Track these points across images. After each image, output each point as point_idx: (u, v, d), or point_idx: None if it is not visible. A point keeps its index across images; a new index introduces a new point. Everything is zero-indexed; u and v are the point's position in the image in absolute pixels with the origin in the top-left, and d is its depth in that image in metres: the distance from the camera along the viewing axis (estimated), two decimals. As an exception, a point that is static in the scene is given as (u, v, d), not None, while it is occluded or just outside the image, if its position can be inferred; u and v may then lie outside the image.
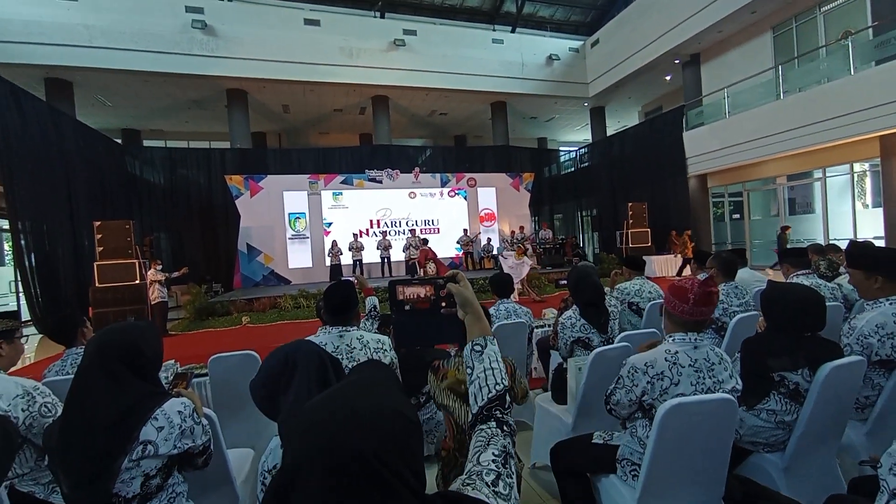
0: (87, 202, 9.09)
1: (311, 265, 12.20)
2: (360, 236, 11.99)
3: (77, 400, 1.15)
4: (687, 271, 9.34)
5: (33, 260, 7.86)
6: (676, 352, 1.47)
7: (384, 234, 12.12)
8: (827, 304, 1.70)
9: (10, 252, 10.92)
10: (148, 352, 1.24)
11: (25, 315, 8.38)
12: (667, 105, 14.95)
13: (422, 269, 9.66)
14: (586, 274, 2.43)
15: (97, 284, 7.70)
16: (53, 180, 8.28)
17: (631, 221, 11.56)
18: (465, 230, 13.18)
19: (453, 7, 15.94)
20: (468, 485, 0.64)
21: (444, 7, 15.86)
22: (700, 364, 1.46)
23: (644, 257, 11.03)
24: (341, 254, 11.38)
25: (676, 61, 12.96)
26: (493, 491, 0.63)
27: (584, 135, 18.95)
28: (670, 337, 1.52)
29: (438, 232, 13.32)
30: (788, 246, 8.44)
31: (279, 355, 1.11)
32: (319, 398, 0.53)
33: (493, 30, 15.53)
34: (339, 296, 1.87)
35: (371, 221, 12.90)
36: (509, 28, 15.47)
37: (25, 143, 7.79)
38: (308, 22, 12.43)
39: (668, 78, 14.32)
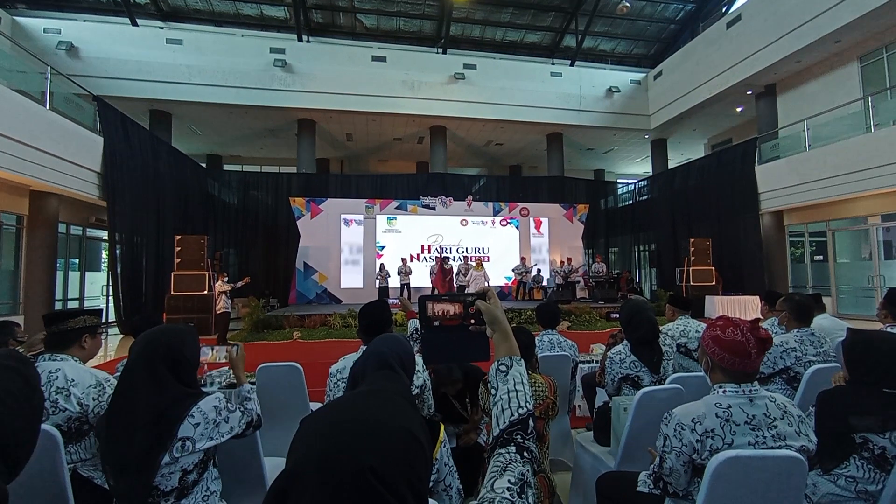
0: (172, 218, 10.12)
1: (361, 286, 12.58)
2: (411, 261, 12.23)
3: (121, 396, 1.24)
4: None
5: (123, 267, 8.81)
6: (729, 406, 1.28)
7: (437, 259, 12.28)
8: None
9: (105, 260, 12.33)
10: (188, 354, 1.33)
11: (111, 316, 9.34)
12: (737, 137, 14.13)
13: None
14: (642, 309, 2.29)
15: (172, 293, 8.44)
16: (147, 198, 9.34)
17: (693, 258, 10.82)
18: (523, 259, 13.02)
19: (514, 42, 16.39)
20: None
21: (504, 42, 16.36)
22: (759, 420, 1.26)
23: (707, 297, 10.33)
24: (389, 276, 11.63)
25: (749, 92, 12.29)
26: None
27: (644, 167, 18.30)
28: (719, 388, 1.34)
29: (488, 260, 13.26)
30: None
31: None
32: (329, 404, 0.52)
33: (552, 63, 15.72)
34: (371, 315, 1.90)
35: (422, 247, 13.15)
36: (569, 62, 15.59)
37: (129, 165, 8.91)
38: (375, 58, 13.33)
39: (739, 109, 13.60)
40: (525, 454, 0.74)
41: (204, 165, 14.60)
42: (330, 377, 1.88)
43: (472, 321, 0.94)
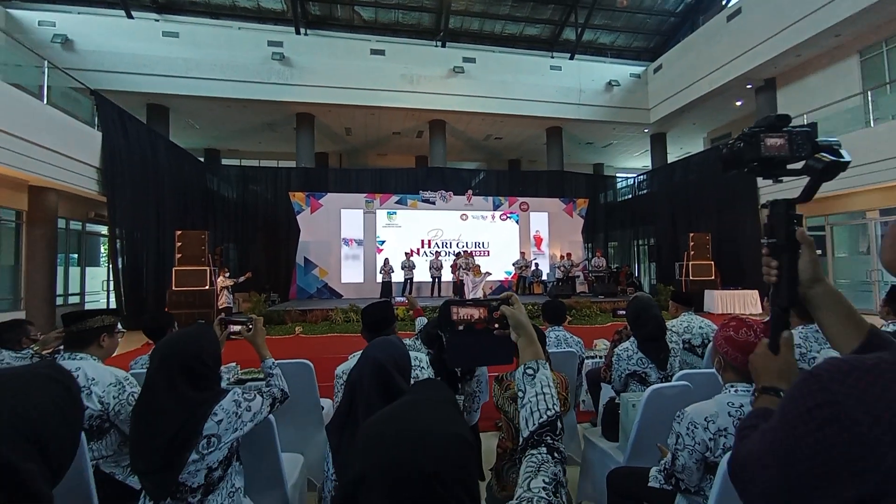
0: (172, 213, 10.08)
1: (362, 281, 12.61)
2: (412, 255, 12.25)
3: (145, 407, 1.26)
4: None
5: (123, 263, 8.80)
6: (741, 405, 1.30)
7: (437, 254, 12.31)
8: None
9: (104, 255, 12.30)
10: (208, 360, 1.34)
11: (112, 312, 9.29)
12: (737, 131, 14.07)
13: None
14: (648, 305, 2.32)
15: (174, 288, 8.44)
16: (146, 193, 9.30)
17: (692, 253, 10.89)
18: (523, 253, 13.07)
19: (513, 35, 16.31)
20: None
21: (503, 36, 16.27)
22: None
23: (706, 291, 10.40)
24: (392, 271, 11.66)
25: (749, 86, 12.30)
26: None
27: (644, 161, 18.32)
28: (731, 387, 1.36)
29: (488, 255, 13.30)
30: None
31: (345, 394, 1.20)
32: (388, 413, 0.55)
33: (552, 56, 15.65)
34: (373, 314, 1.94)
35: (422, 241, 13.16)
36: (568, 55, 15.53)
37: (127, 160, 8.86)
38: (374, 52, 13.25)
39: (738, 103, 13.60)
40: (556, 455, 0.76)
41: (202, 160, 14.51)
42: (336, 378, 1.88)
43: (497, 325, 0.96)
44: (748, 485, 0.55)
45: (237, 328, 1.74)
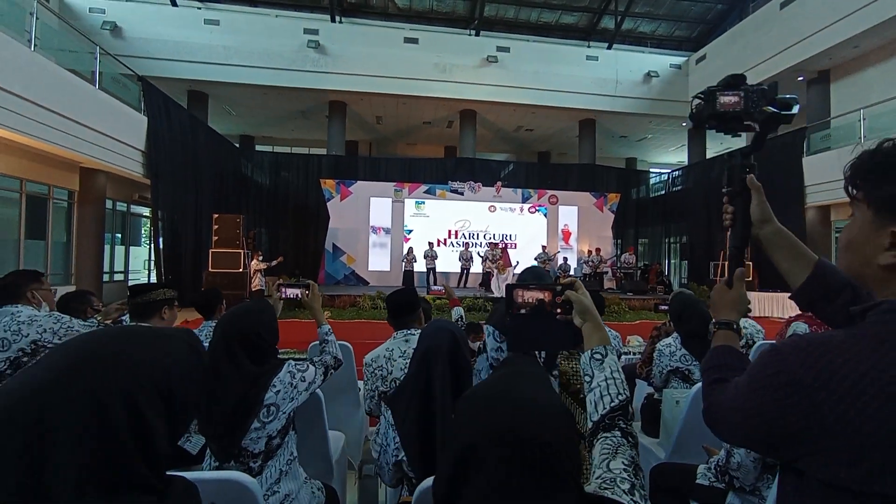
0: (209, 197, 10.43)
1: (388, 269, 12.75)
2: (437, 245, 12.28)
3: (209, 377, 1.32)
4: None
5: (164, 243, 9.17)
6: None
7: (465, 245, 12.32)
8: None
9: (145, 235, 12.87)
10: (266, 335, 1.40)
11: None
12: (783, 126, 13.44)
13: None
14: (694, 302, 2.26)
15: (210, 269, 8.75)
16: (186, 176, 9.63)
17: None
18: (544, 247, 12.91)
19: (548, 24, 15.93)
20: (605, 489, 0.64)
21: (539, 24, 15.91)
22: None
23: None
24: (415, 261, 11.73)
25: (800, 78, 11.63)
26: (632, 500, 0.63)
27: (679, 156, 17.68)
28: None
29: (515, 247, 13.20)
30: None
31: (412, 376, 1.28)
32: (494, 383, 0.56)
33: (588, 46, 15.22)
34: (397, 301, 1.92)
35: (450, 231, 13.18)
36: (605, 45, 15.06)
37: (170, 144, 9.19)
38: (407, 40, 13.20)
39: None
40: (630, 439, 0.76)
41: (237, 146, 14.91)
42: (365, 367, 1.89)
43: (560, 311, 0.96)
44: (721, 426, 0.71)
45: (295, 291, 1.79)
